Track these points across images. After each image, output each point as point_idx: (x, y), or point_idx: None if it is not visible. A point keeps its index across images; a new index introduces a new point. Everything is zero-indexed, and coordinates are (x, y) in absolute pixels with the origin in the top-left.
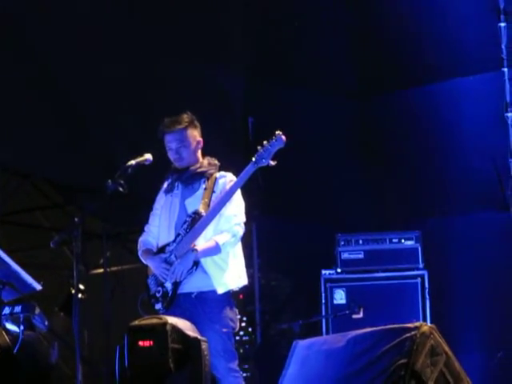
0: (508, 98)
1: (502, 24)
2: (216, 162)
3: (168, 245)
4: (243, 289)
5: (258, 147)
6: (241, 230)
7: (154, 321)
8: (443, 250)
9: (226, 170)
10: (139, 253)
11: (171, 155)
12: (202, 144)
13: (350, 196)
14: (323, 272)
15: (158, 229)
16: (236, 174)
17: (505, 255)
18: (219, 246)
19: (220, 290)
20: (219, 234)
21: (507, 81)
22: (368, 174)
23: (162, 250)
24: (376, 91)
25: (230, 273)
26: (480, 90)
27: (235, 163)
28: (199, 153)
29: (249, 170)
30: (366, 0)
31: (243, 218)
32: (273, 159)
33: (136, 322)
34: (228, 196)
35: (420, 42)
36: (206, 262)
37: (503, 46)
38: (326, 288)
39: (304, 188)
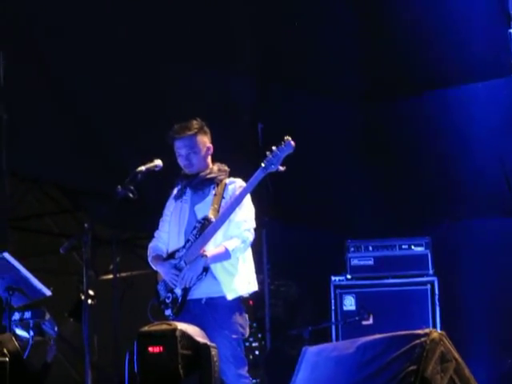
0: None
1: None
2: (226, 167)
3: (178, 251)
4: (253, 295)
5: (267, 153)
6: (250, 236)
7: (164, 327)
8: (453, 256)
9: (236, 175)
10: (149, 259)
11: (181, 161)
12: (211, 150)
13: (359, 202)
14: (333, 278)
15: (168, 235)
16: (246, 179)
17: (510, 261)
18: (229, 251)
19: (230, 296)
20: (229, 240)
21: None
22: (377, 180)
23: (171, 255)
24: (386, 96)
25: (239, 279)
26: (490, 95)
27: (245, 169)
28: (209, 159)
29: (258, 175)
30: (375, 5)
31: (253, 224)
32: (282, 165)
33: (146, 328)
34: (237, 202)
35: (430, 48)
36: (216, 268)
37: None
38: (336, 294)
39: (314, 194)
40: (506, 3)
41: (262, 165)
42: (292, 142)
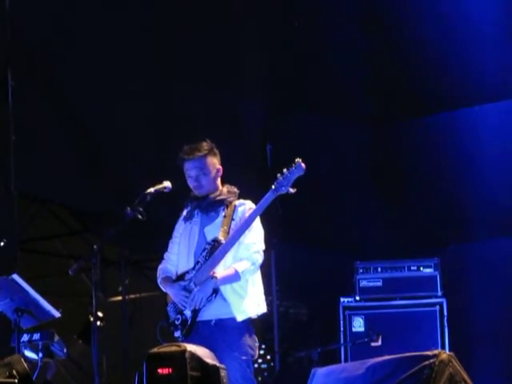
0: None
1: None
2: (235, 189)
3: (187, 272)
4: (262, 316)
5: (278, 175)
6: (260, 258)
7: (173, 348)
8: (462, 278)
9: (245, 197)
10: (158, 280)
11: (190, 183)
12: (221, 172)
13: (368, 223)
14: (342, 300)
15: (178, 256)
16: (255, 201)
17: None
18: (239, 273)
19: (239, 318)
20: (238, 262)
21: None
22: (386, 202)
23: (181, 277)
24: (396, 118)
25: (249, 300)
26: (500, 117)
27: (254, 191)
28: (219, 180)
29: (268, 197)
30: (383, 26)
31: (262, 246)
32: (292, 187)
33: (155, 350)
34: (247, 224)
35: (438, 69)
36: (226, 290)
37: None
38: (345, 316)
39: (322, 215)
40: None
41: (273, 187)
42: (302, 164)
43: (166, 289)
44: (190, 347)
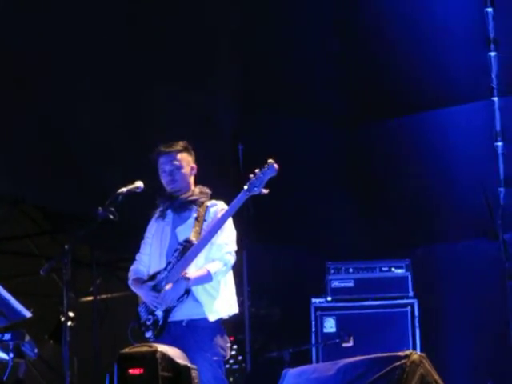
0: (498, 128)
1: (492, 53)
2: (207, 190)
3: (159, 273)
4: (233, 317)
5: (251, 175)
6: (232, 259)
7: (144, 349)
8: (433, 279)
9: (217, 198)
10: (129, 282)
11: (164, 177)
12: (195, 171)
13: (339, 224)
14: (313, 300)
15: (149, 257)
16: (226, 202)
17: (494, 284)
18: (211, 274)
19: (211, 318)
20: (211, 263)
21: (497, 110)
22: (358, 202)
23: (152, 278)
24: (365, 119)
25: (220, 301)
26: (470, 119)
27: (225, 191)
28: (192, 179)
29: (241, 198)
30: (355, 29)
31: (234, 247)
32: (265, 187)
33: (126, 350)
34: (219, 224)
35: (410, 71)
36: (198, 290)
37: (493, 76)
38: (316, 316)
39: (294, 216)
40: (486, 27)
41: (245, 187)
42: (275, 165)
43: (137, 290)
44: (162, 347)
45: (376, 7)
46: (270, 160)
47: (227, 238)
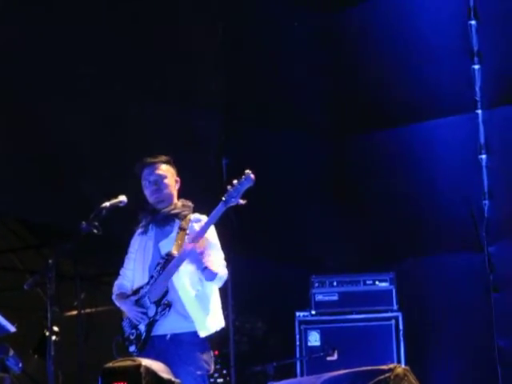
0: (482, 140)
1: (476, 66)
2: (190, 203)
3: (142, 287)
4: (218, 331)
5: (228, 187)
6: (226, 274)
7: (128, 363)
8: (418, 292)
9: (201, 212)
10: (113, 297)
11: (148, 188)
12: (179, 184)
13: (324, 237)
14: (297, 314)
15: (133, 272)
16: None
17: (479, 296)
18: (217, 275)
19: (202, 334)
20: (222, 267)
21: (481, 123)
22: (342, 216)
23: (135, 292)
24: (350, 132)
25: (211, 316)
26: (454, 131)
27: (209, 205)
28: (175, 192)
29: (219, 209)
30: (341, 41)
31: (225, 262)
32: (243, 198)
33: (110, 364)
34: (199, 236)
35: (395, 84)
36: (189, 305)
37: (477, 88)
38: (301, 330)
39: (279, 229)
40: (470, 39)
41: (223, 199)
42: (252, 176)
43: (121, 304)
44: (145, 362)
45: (361, 21)
46: (247, 171)
47: (220, 254)
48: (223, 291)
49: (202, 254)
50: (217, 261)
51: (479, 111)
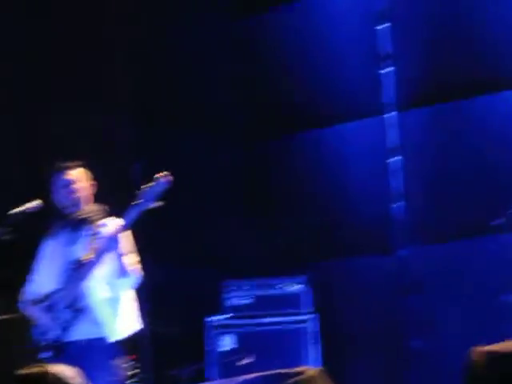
0: (390, 144)
1: (387, 69)
2: (102, 207)
3: (53, 293)
4: (133, 336)
5: (140, 191)
6: (139, 276)
7: (36, 369)
8: (332, 294)
9: (115, 216)
10: (21, 303)
11: (61, 192)
12: (92, 189)
13: (237, 241)
14: (211, 318)
15: (43, 278)
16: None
17: (389, 298)
18: (131, 276)
19: (112, 338)
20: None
21: (390, 126)
22: (256, 219)
23: (46, 298)
24: (261, 136)
25: (123, 321)
26: (364, 134)
27: (125, 209)
28: (89, 196)
29: (131, 214)
30: (252, 46)
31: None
32: (154, 202)
33: (19, 372)
34: (112, 241)
35: (305, 89)
36: (101, 310)
37: (386, 92)
38: (214, 334)
39: (192, 233)
40: (379, 43)
41: (134, 203)
42: (162, 180)
43: (30, 311)
44: (55, 368)
45: (272, 26)
46: (156, 175)
47: (134, 256)
48: (138, 295)
49: (115, 256)
50: (131, 263)
51: (388, 114)
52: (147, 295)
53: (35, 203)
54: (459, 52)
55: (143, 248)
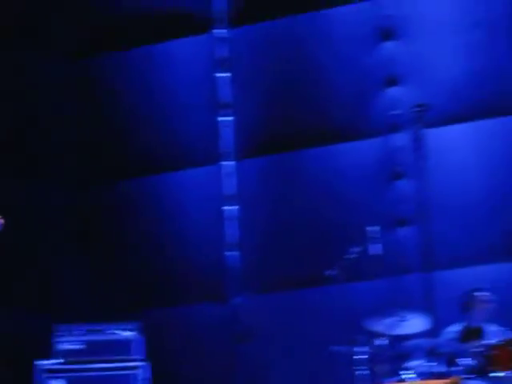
0: (227, 192)
1: (224, 118)
2: None
3: None
4: None
5: None
6: None
7: None
8: (164, 341)
9: None
10: None
11: None
12: None
13: (70, 286)
14: (41, 362)
15: None
16: None
17: (222, 346)
18: None
19: None
20: None
21: (227, 174)
22: (91, 265)
23: None
24: (97, 180)
25: None
26: (201, 182)
27: None
28: None
29: None
30: (88, 91)
31: None
32: None
33: None
34: None
35: (145, 135)
36: None
37: (225, 140)
38: (44, 378)
39: (24, 277)
40: (219, 92)
41: None
42: None
43: None
44: None
45: (112, 71)
46: None
47: None
48: None
49: None
50: None
51: (227, 162)
52: None
53: None
54: (296, 104)
55: None
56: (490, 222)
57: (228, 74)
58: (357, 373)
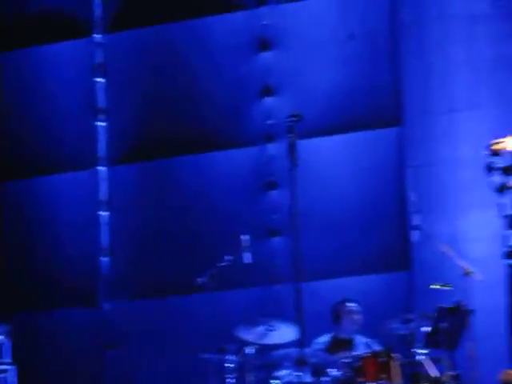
0: (103, 197)
1: (100, 123)
2: None
3: None
4: None
5: None
6: None
7: None
8: (35, 345)
9: None
10: None
11: None
12: None
13: None
14: None
15: None
16: None
17: (93, 351)
18: None
19: None
20: None
21: (103, 180)
22: None
23: None
24: None
25: None
26: (76, 187)
27: None
28: None
29: None
30: None
31: None
32: None
33: None
34: None
35: (21, 136)
36: None
37: (101, 145)
38: None
39: None
40: (96, 96)
41: None
42: None
43: None
44: None
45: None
46: None
47: None
48: None
49: None
50: None
51: (102, 168)
52: None
53: None
54: (171, 112)
55: None
56: (363, 234)
57: (103, 79)
58: (227, 381)
